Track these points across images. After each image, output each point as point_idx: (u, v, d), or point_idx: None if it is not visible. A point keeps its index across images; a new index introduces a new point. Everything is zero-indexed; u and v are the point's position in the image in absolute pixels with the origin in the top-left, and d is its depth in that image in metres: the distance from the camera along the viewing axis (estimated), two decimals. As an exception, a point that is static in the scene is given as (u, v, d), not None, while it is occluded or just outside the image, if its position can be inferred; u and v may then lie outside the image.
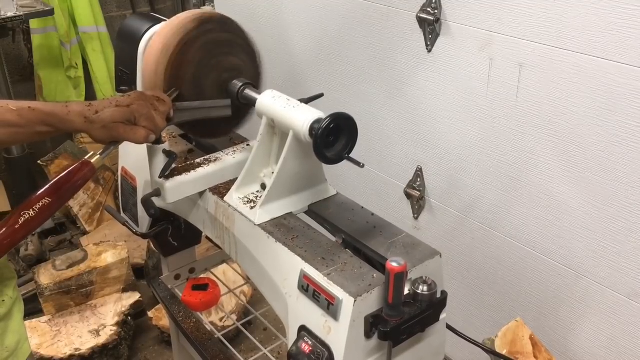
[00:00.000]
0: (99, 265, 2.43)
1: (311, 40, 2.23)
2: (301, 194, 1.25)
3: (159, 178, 1.27)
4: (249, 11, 2.43)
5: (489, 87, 1.69)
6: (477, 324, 2.00)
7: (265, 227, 1.19)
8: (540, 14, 1.51)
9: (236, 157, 1.36)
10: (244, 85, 1.29)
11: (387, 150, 2.09)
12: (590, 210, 1.57)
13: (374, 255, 1.12)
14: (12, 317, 1.20)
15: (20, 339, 1.21)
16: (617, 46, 1.39)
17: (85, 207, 2.99)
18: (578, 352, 1.74)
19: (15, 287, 1.22)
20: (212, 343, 1.52)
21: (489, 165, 1.77)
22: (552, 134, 1.59)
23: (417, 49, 1.84)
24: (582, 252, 1.63)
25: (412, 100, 1.93)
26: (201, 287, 1.64)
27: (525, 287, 1.81)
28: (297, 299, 1.09)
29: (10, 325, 1.19)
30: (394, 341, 1.03)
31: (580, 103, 1.50)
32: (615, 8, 1.37)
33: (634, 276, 1.54)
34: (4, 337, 1.17)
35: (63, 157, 3.02)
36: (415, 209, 2.06)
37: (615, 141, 1.47)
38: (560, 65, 1.51)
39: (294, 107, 1.15)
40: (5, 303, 1.17)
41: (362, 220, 1.22)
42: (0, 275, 1.18)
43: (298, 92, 1.81)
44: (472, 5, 1.65)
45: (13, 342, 1.19)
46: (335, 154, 1.10)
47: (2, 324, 1.17)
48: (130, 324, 2.41)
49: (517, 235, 1.78)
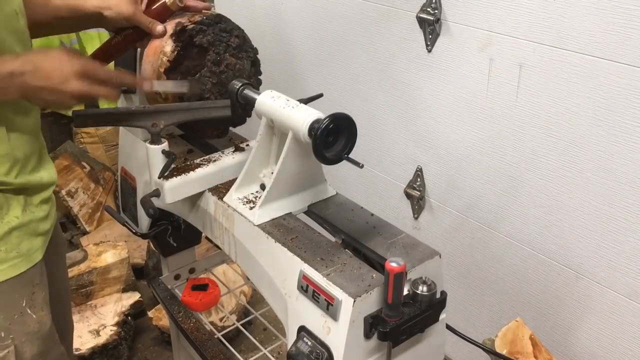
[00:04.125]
0: (99, 265, 2.42)
1: (311, 40, 2.23)
2: (300, 194, 1.25)
3: (158, 178, 1.27)
4: (249, 11, 2.43)
5: (489, 87, 1.69)
6: (477, 324, 2.00)
7: (264, 228, 1.19)
8: (540, 14, 1.51)
9: (235, 158, 1.36)
10: (243, 85, 1.29)
11: (387, 150, 2.09)
12: (590, 210, 1.57)
13: (373, 255, 1.12)
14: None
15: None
16: (617, 46, 1.39)
17: (85, 207, 2.99)
18: (578, 352, 1.74)
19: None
20: (212, 343, 1.51)
21: (489, 165, 1.77)
22: (552, 134, 1.59)
23: (417, 49, 1.84)
24: (582, 252, 1.63)
25: (412, 100, 1.92)
26: (201, 287, 1.64)
27: (525, 287, 1.81)
28: (297, 299, 1.09)
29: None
30: (394, 341, 1.03)
31: (580, 103, 1.50)
32: (615, 8, 1.37)
33: (634, 276, 1.54)
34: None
35: (63, 157, 3.02)
36: (415, 209, 2.06)
37: (615, 141, 1.46)
38: (560, 65, 1.51)
39: (293, 107, 1.14)
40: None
41: (362, 220, 1.22)
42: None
43: (297, 92, 1.81)
44: (472, 5, 1.65)
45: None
46: (334, 154, 1.10)
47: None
48: (130, 324, 2.41)
49: (517, 235, 1.78)
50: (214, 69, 1.29)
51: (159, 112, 1.26)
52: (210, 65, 1.29)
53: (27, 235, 1.15)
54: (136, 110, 1.27)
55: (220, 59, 1.29)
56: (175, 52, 1.27)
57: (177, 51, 1.27)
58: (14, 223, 1.12)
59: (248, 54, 1.35)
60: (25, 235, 1.15)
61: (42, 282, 1.20)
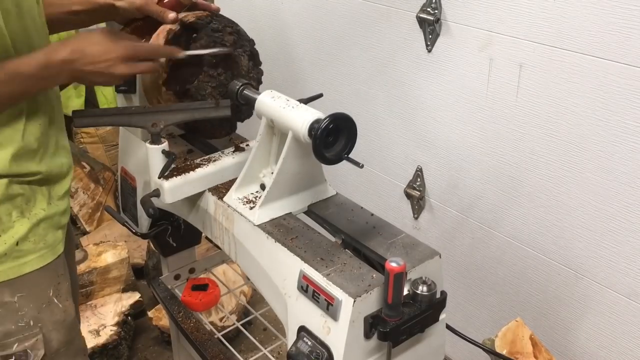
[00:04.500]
0: (98, 265, 2.42)
1: (311, 40, 2.23)
2: (300, 194, 1.25)
3: (158, 178, 1.27)
4: (249, 11, 2.43)
5: (489, 87, 1.69)
6: (477, 324, 2.00)
7: (264, 228, 1.19)
8: (540, 14, 1.51)
9: (235, 158, 1.36)
10: (243, 85, 1.29)
11: (387, 150, 2.09)
12: (590, 210, 1.57)
13: (373, 255, 1.12)
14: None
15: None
16: (617, 46, 1.39)
17: (85, 207, 2.99)
18: (578, 352, 1.74)
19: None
20: (212, 343, 1.52)
21: (489, 165, 1.77)
22: (552, 134, 1.59)
23: (417, 49, 1.84)
24: (582, 252, 1.63)
25: (412, 100, 1.92)
26: (201, 287, 1.64)
27: (525, 287, 1.81)
28: (297, 300, 1.09)
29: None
30: (394, 341, 1.03)
31: (580, 103, 1.50)
32: (615, 8, 1.37)
33: (634, 276, 1.54)
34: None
35: (63, 157, 3.02)
36: (415, 209, 2.06)
37: (615, 141, 1.46)
38: (560, 65, 1.51)
39: (293, 107, 1.14)
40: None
41: (362, 220, 1.22)
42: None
43: (297, 92, 1.81)
44: (472, 5, 1.65)
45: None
46: (334, 154, 1.10)
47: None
48: (130, 324, 2.41)
49: (517, 235, 1.78)
50: (211, 73, 1.29)
51: (159, 112, 1.26)
52: (207, 70, 1.29)
53: (51, 228, 1.19)
54: (136, 110, 1.27)
55: (216, 61, 1.29)
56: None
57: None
58: (41, 215, 1.16)
59: (244, 48, 1.35)
60: (50, 227, 1.18)
61: (65, 273, 1.24)
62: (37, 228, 1.15)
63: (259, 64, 1.39)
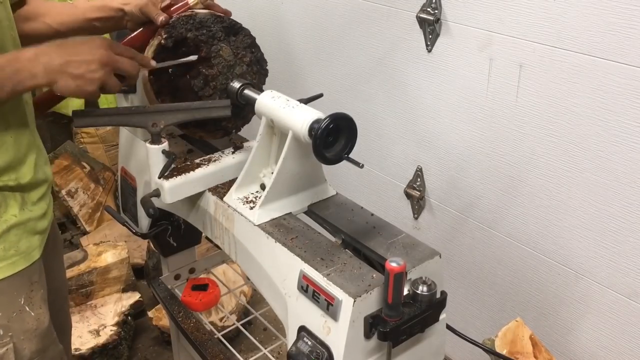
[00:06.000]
0: (99, 265, 2.42)
1: (311, 40, 2.23)
2: (301, 194, 1.25)
3: (158, 178, 1.27)
4: (249, 11, 2.43)
5: (489, 87, 1.69)
6: (477, 324, 2.00)
7: (264, 228, 1.19)
8: (540, 14, 1.51)
9: (235, 158, 1.36)
10: (243, 85, 1.29)
11: (387, 150, 2.09)
12: (590, 210, 1.57)
13: (373, 255, 1.12)
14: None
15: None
16: (617, 46, 1.39)
17: (85, 207, 2.99)
18: (578, 352, 1.74)
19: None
20: (212, 343, 1.51)
21: (489, 165, 1.77)
22: (552, 134, 1.59)
23: (417, 49, 1.84)
24: (582, 252, 1.63)
25: (411, 100, 1.92)
26: (201, 287, 1.64)
27: (525, 287, 1.81)
28: (297, 299, 1.09)
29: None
30: (394, 341, 1.03)
31: (580, 103, 1.50)
32: (615, 8, 1.37)
33: (634, 276, 1.54)
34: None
35: (63, 157, 3.02)
36: (415, 209, 2.06)
37: (615, 141, 1.47)
38: (560, 65, 1.51)
39: (293, 107, 1.14)
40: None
41: (362, 220, 1.21)
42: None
43: (297, 92, 1.81)
44: (472, 5, 1.65)
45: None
46: (334, 154, 1.10)
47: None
48: (130, 324, 2.41)
49: (517, 235, 1.78)
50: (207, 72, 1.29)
51: (159, 112, 1.26)
52: (203, 72, 1.29)
53: (25, 234, 1.16)
54: (136, 110, 1.27)
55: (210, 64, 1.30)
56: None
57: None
58: (12, 221, 1.13)
59: (239, 37, 1.34)
60: (24, 233, 1.16)
61: (40, 280, 1.21)
62: (8, 234, 1.13)
63: (264, 66, 1.38)
